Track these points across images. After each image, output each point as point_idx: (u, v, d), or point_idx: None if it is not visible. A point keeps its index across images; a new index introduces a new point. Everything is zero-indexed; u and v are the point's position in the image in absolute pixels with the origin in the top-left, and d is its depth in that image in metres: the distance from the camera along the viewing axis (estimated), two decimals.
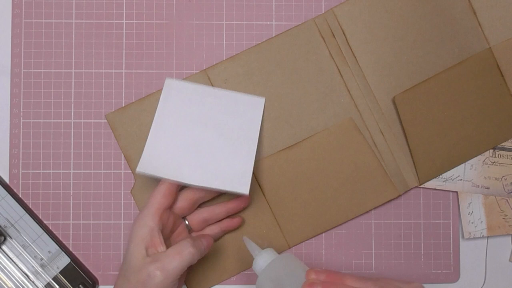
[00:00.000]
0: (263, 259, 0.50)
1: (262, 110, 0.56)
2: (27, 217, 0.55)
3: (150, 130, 0.54)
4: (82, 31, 0.57)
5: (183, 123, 0.54)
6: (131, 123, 0.56)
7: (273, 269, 0.49)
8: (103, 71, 0.57)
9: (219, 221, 0.56)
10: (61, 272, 0.56)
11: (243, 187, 0.53)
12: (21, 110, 0.57)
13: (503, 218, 0.58)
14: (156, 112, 0.54)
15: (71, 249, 0.57)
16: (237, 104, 0.56)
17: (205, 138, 0.54)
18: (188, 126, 0.54)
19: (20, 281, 0.55)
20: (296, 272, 0.48)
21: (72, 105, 0.57)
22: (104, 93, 0.57)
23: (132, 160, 0.56)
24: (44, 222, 0.56)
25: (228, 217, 0.56)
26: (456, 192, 0.58)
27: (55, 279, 0.55)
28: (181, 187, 0.53)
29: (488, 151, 0.59)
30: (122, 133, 0.56)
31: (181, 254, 0.48)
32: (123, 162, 0.57)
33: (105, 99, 0.57)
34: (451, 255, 0.58)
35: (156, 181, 0.52)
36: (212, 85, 0.57)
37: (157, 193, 0.51)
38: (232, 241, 0.57)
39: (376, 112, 0.57)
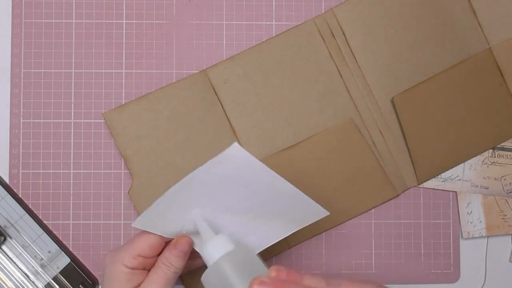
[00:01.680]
0: (215, 248, 0.44)
1: (315, 220, 0.49)
2: (27, 217, 0.55)
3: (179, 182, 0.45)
4: (82, 31, 0.57)
5: (217, 187, 0.46)
6: (129, 122, 0.56)
7: (226, 263, 0.43)
8: (103, 71, 0.57)
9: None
10: (61, 272, 0.55)
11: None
12: (21, 110, 0.57)
13: (502, 218, 0.58)
14: (200, 167, 0.44)
15: (71, 249, 0.57)
16: (291, 200, 0.47)
17: (230, 208, 0.47)
18: (221, 191, 0.46)
19: (20, 281, 0.55)
20: (252, 271, 0.42)
21: (72, 105, 0.57)
22: (104, 93, 0.57)
23: (129, 160, 0.56)
24: (44, 222, 0.56)
25: None
26: (455, 192, 0.59)
27: (55, 279, 0.55)
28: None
29: (488, 151, 0.59)
30: (120, 132, 0.56)
31: (166, 274, 0.46)
32: (123, 162, 0.57)
33: (105, 99, 0.57)
34: (451, 255, 0.58)
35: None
36: (212, 86, 0.57)
37: (143, 241, 0.46)
38: None
39: (375, 112, 0.58)
